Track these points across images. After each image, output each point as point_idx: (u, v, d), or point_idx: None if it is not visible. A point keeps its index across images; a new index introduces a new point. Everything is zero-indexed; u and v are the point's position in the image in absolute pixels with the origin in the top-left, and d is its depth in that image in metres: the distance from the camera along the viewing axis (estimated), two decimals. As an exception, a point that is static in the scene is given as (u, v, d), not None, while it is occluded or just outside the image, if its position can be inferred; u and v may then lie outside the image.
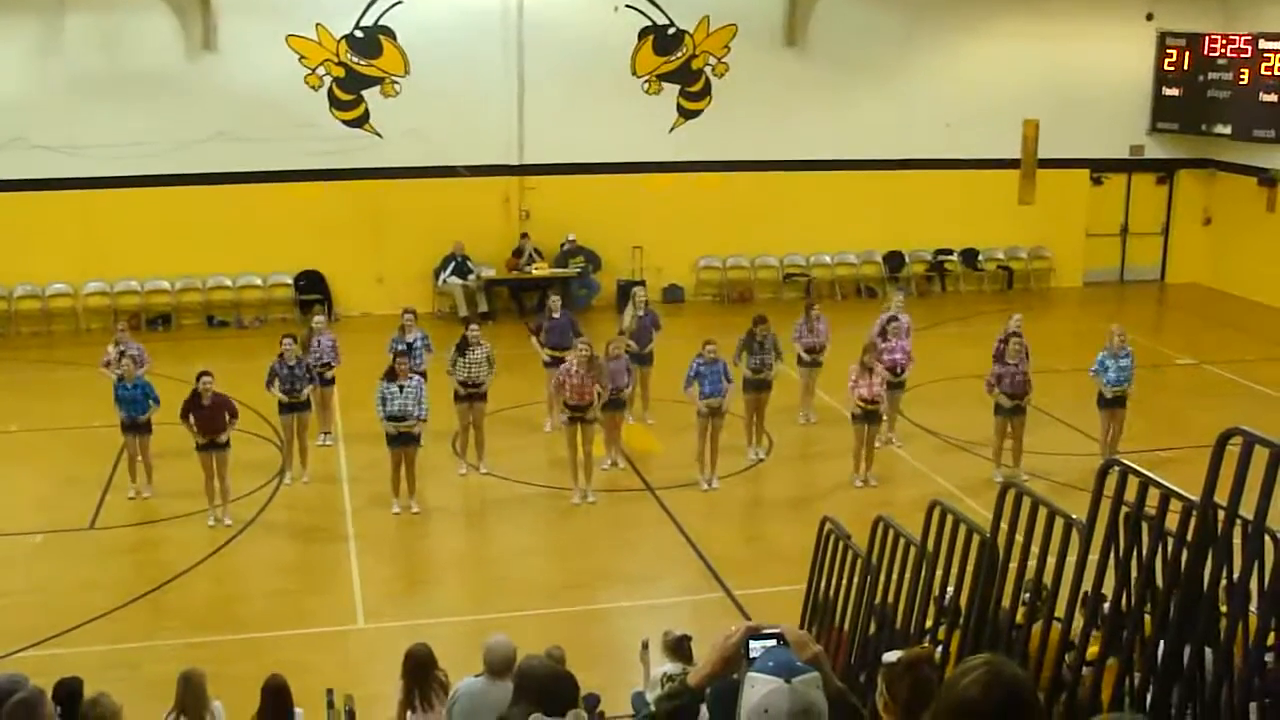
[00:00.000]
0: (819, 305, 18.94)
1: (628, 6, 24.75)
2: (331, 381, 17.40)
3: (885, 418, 16.99)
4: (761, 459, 17.34)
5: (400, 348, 16.19)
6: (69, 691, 8.32)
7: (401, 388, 14.97)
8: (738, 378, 16.67)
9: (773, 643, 3.72)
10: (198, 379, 14.87)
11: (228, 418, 14.91)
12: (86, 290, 23.66)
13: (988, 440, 16.80)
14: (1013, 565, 7.21)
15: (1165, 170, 27.91)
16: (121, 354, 16.21)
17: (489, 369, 16.30)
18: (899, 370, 17.16)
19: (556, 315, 17.92)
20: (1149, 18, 26.58)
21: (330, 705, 9.47)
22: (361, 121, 24.19)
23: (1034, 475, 14.85)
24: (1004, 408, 16.23)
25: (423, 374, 15.97)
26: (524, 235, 24.49)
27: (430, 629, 11.29)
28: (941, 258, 27.08)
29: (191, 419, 14.75)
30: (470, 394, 16.25)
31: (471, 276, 24.27)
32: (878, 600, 8.87)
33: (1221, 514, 5.85)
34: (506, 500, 16.10)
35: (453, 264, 24.18)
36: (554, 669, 6.42)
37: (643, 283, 23.15)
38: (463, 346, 16.26)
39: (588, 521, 15.65)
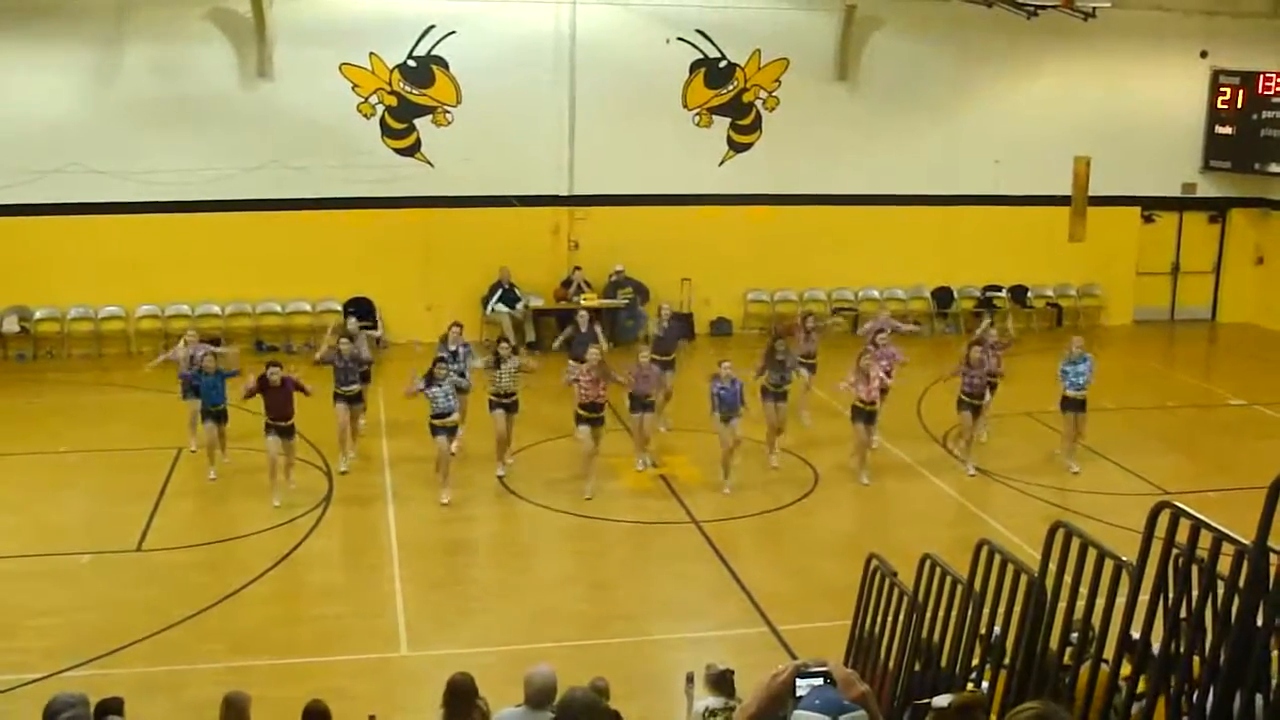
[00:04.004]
0: (815, 321, 20.43)
1: (679, 39, 24.88)
2: (368, 378, 18.83)
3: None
4: (777, 467, 18.00)
5: (444, 354, 17.44)
6: (108, 711, 8.37)
7: (441, 387, 16.32)
8: (755, 392, 17.80)
9: (819, 681, 3.70)
10: (266, 367, 16.38)
11: (299, 394, 16.43)
12: (138, 314, 23.92)
13: (1041, 479, 17.43)
14: (1061, 605, 7.14)
15: (1217, 209, 27.76)
16: (191, 358, 17.49)
17: (520, 379, 17.58)
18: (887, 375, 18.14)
19: (584, 329, 19.09)
20: (1203, 55, 26.50)
21: (371, 732, 9.46)
22: (413, 150, 24.39)
23: (1084, 515, 14.68)
24: (965, 404, 17.81)
25: (462, 375, 17.25)
26: (576, 268, 24.58)
27: (472, 658, 11.27)
28: (990, 294, 26.97)
29: (263, 400, 16.28)
30: (504, 403, 17.42)
31: (519, 305, 24.38)
32: (924, 638, 8.80)
33: (1276, 559, 5.78)
34: (550, 530, 16.13)
35: (500, 291, 24.30)
36: (593, 702, 6.39)
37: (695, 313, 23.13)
38: (496, 361, 17.40)
39: (631, 553, 15.66)
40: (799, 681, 3.71)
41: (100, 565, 14.54)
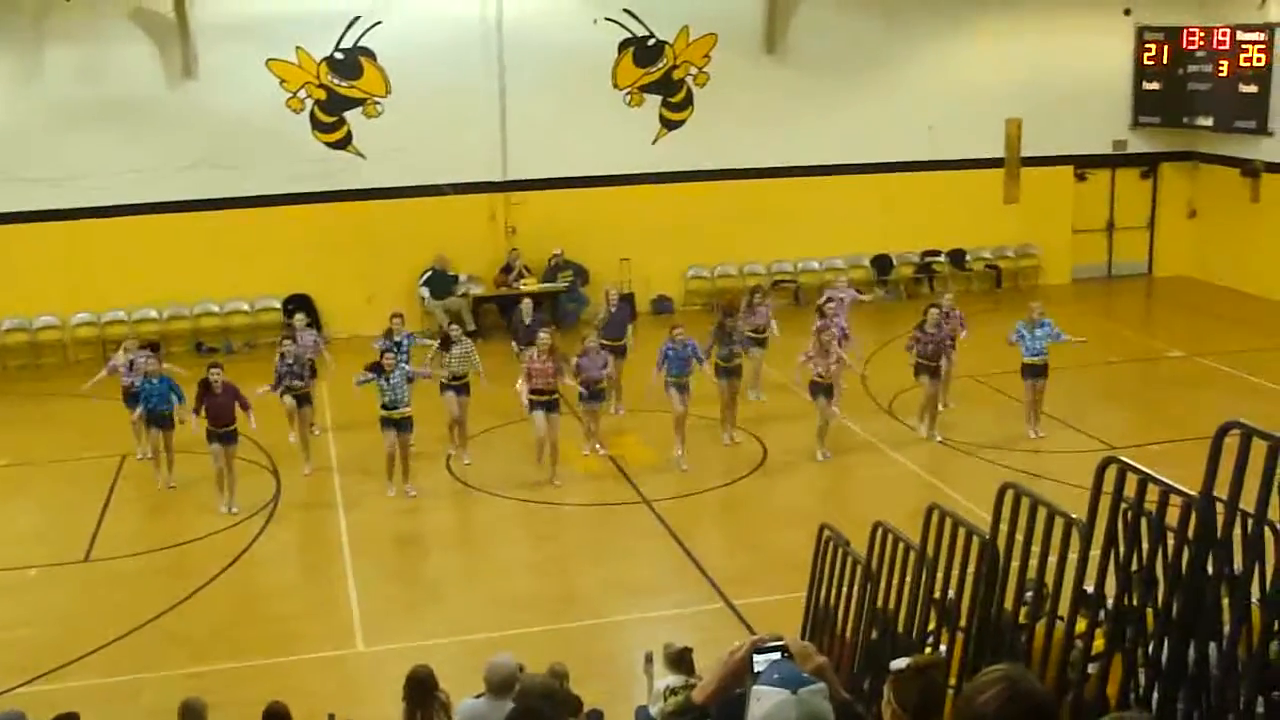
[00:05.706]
0: (761, 295, 20.33)
1: (607, 19, 24.76)
2: (315, 374, 18.19)
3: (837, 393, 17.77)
4: (737, 443, 18.02)
5: (387, 345, 17.06)
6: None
7: (389, 379, 16.02)
8: (710, 362, 17.71)
9: (777, 656, 3.70)
10: (208, 370, 16.05)
11: (238, 407, 15.95)
12: (74, 321, 23.58)
13: (990, 443, 17.49)
14: (1014, 565, 7.18)
15: (1148, 164, 27.97)
16: (131, 364, 17.20)
17: (471, 364, 17.29)
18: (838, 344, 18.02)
19: (528, 320, 18.81)
20: (1127, 13, 26.65)
21: (332, 730, 9.42)
22: (345, 143, 24.16)
23: (1035, 475, 14.79)
24: (922, 368, 17.74)
25: (406, 366, 16.70)
26: (513, 250, 24.45)
27: (430, 649, 11.24)
28: (929, 259, 27.09)
29: (202, 408, 15.84)
30: (455, 386, 17.23)
31: (460, 290, 24.25)
32: (879, 606, 8.84)
33: (1221, 508, 5.83)
34: (502, 516, 16.08)
35: (428, 274, 24.11)
36: (551, 688, 6.39)
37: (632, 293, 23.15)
38: (445, 344, 17.28)
39: (584, 535, 15.65)
40: (757, 657, 3.71)
41: (48, 577, 14.38)
